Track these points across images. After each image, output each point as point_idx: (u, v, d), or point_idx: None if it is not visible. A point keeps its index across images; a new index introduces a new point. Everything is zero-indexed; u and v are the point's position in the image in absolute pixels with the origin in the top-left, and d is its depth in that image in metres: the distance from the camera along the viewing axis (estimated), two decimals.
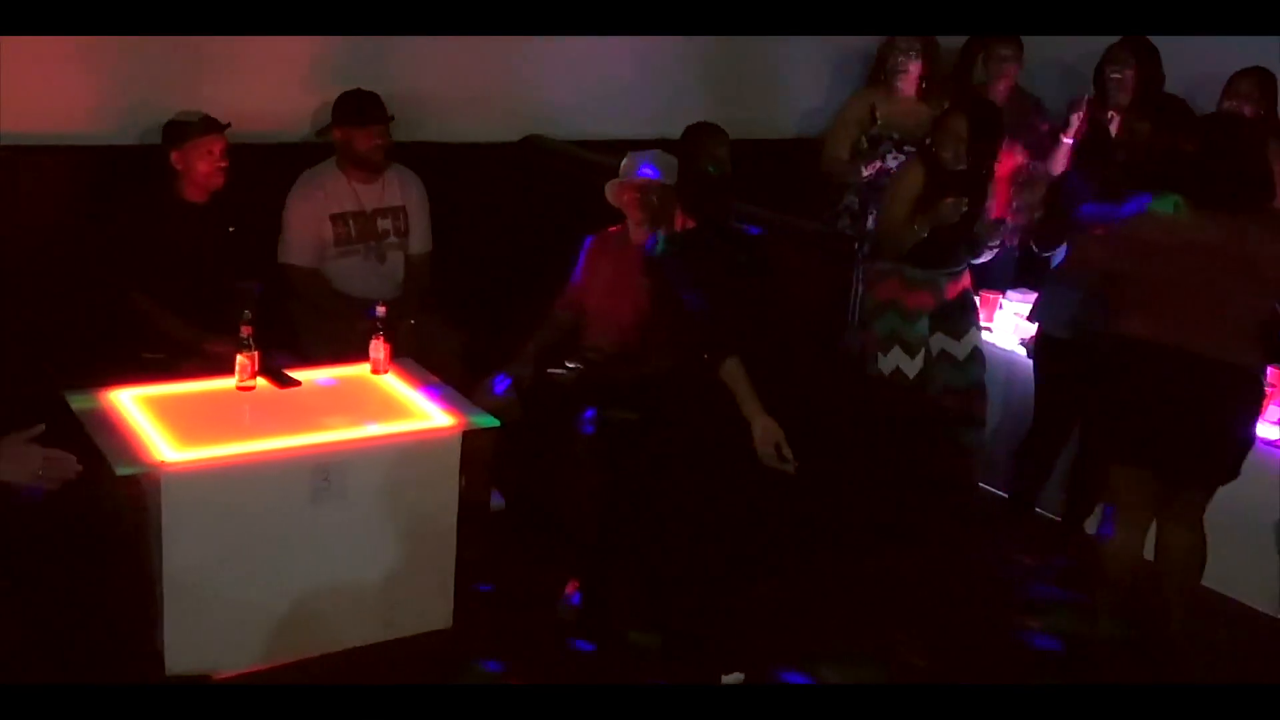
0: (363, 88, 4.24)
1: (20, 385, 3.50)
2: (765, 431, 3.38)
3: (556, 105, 4.88)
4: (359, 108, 4.21)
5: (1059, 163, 4.65)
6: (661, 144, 4.34)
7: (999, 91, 4.92)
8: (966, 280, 4.41)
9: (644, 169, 3.95)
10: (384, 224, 4.30)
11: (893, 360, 4.25)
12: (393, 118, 4.26)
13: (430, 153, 4.49)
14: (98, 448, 3.08)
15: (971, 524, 4.41)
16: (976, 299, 4.49)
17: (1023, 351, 4.54)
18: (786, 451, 3.38)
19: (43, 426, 2.82)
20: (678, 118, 4.71)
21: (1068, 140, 4.63)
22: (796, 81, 5.60)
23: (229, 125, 3.98)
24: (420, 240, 4.39)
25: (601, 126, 4.95)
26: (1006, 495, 4.60)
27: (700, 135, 4.47)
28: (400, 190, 4.35)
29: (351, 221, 4.26)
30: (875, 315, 4.26)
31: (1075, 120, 4.62)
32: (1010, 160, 4.59)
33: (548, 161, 4.74)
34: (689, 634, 3.45)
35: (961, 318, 4.35)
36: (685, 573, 3.52)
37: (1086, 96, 4.67)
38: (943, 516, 4.33)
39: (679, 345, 3.58)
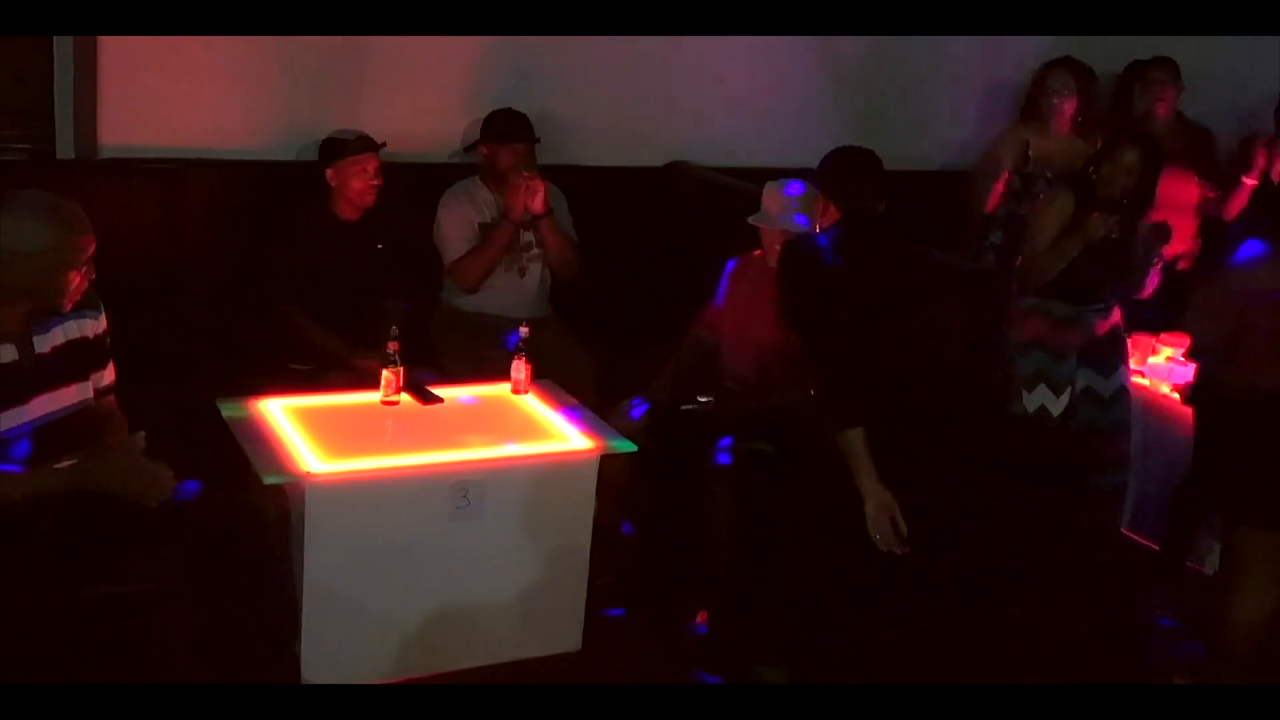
0: (527, 113, 4.29)
1: (173, 392, 3.60)
2: (879, 507, 3.30)
3: (701, 132, 4.88)
4: (505, 126, 4.28)
5: (1236, 204, 4.45)
6: (809, 174, 4.30)
7: (1158, 118, 4.75)
8: (1117, 317, 4.27)
9: (797, 219, 3.84)
10: (526, 236, 4.33)
11: (1038, 398, 4.14)
12: (538, 140, 4.30)
13: (574, 176, 4.53)
14: (246, 456, 3.18)
15: (1115, 575, 4.26)
16: (1127, 338, 4.35)
17: (1177, 397, 4.38)
18: (902, 528, 3.30)
19: (143, 434, 2.91)
20: (824, 147, 4.66)
21: (1250, 182, 4.41)
22: (940, 112, 5.51)
23: (384, 145, 4.07)
24: (559, 249, 4.37)
25: (745, 154, 4.93)
26: (1156, 547, 4.43)
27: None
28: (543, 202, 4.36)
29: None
30: (1020, 352, 4.15)
31: (1259, 161, 4.41)
32: (1190, 190, 4.42)
33: (691, 188, 4.74)
34: (813, 673, 3.39)
35: (1110, 355, 4.21)
36: (814, 610, 3.47)
37: (1269, 136, 4.47)
38: (1083, 566, 4.18)
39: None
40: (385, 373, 3.49)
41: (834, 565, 3.47)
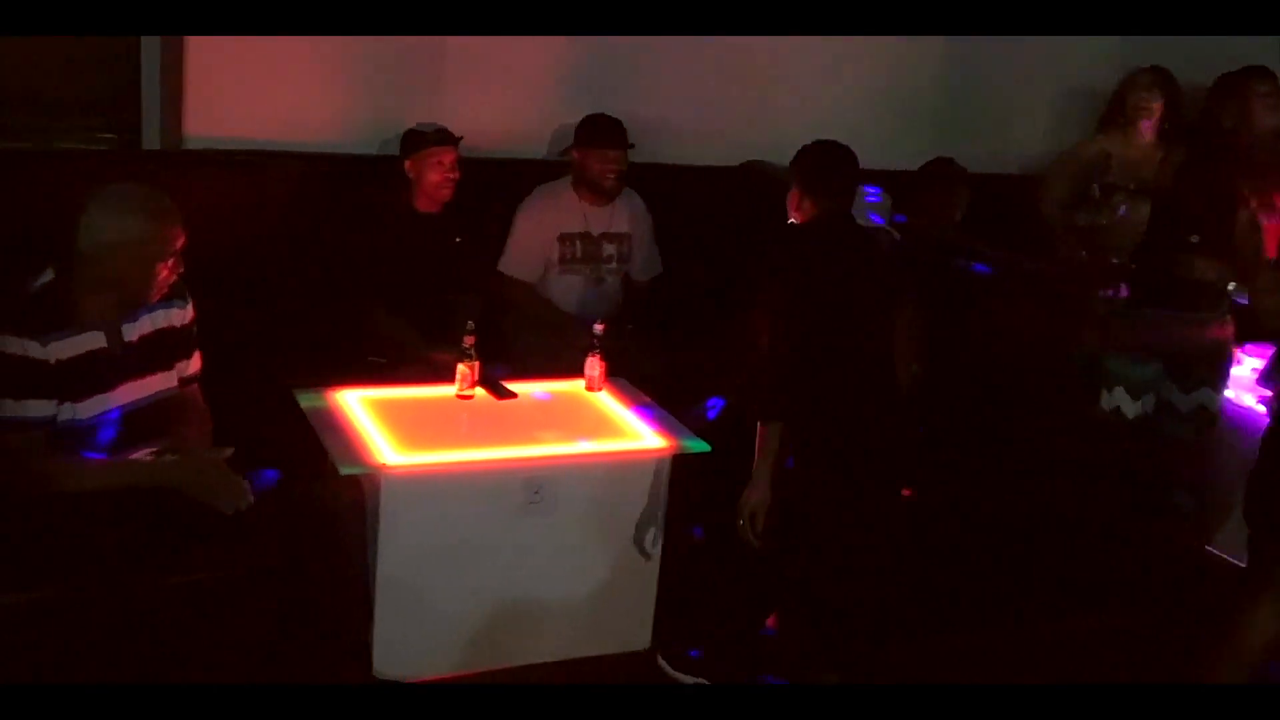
0: (606, 112, 4.28)
1: (253, 382, 3.63)
2: (759, 502, 3.27)
3: (780, 132, 4.83)
4: (596, 131, 4.25)
5: None
6: (885, 176, 4.27)
7: (1264, 132, 4.61)
8: (1220, 331, 4.12)
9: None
10: (609, 249, 4.34)
11: (1114, 399, 4.08)
12: (632, 145, 4.28)
13: (657, 174, 4.52)
14: (324, 446, 3.21)
15: (1194, 591, 4.17)
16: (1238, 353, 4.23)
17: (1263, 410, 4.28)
18: (758, 529, 3.27)
19: (231, 450, 2.95)
20: (901, 149, 4.63)
21: None
22: (1019, 116, 5.44)
23: (461, 138, 4.09)
24: (644, 267, 4.44)
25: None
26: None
27: (942, 174, 4.38)
28: (629, 217, 4.39)
29: (578, 242, 4.31)
30: (1107, 354, 4.08)
31: None
32: None
33: (766, 187, 4.70)
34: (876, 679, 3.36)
35: (1198, 370, 4.12)
36: (878, 616, 3.44)
37: None
38: (1157, 580, 4.11)
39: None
40: (461, 367, 3.51)
41: (899, 571, 3.45)
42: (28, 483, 2.82)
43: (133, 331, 2.99)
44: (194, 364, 3.18)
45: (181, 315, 3.11)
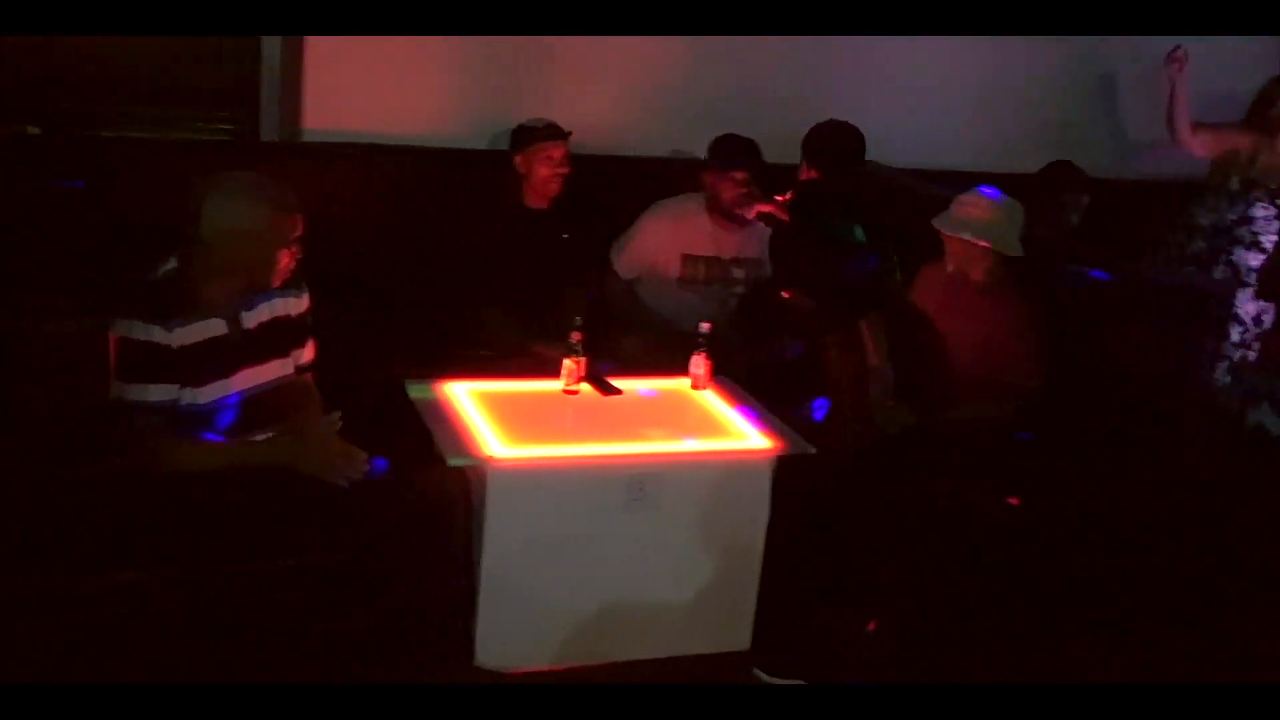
0: (711, 112, 4.27)
1: (363, 372, 3.69)
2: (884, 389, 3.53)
3: (891, 131, 4.79)
4: (727, 152, 4.18)
5: None
6: (998, 179, 4.19)
7: None
8: None
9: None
10: (738, 272, 4.29)
11: (1258, 416, 3.96)
12: (763, 163, 4.21)
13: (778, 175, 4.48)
14: (432, 437, 3.24)
15: None
16: None
17: None
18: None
19: (339, 414, 2.99)
20: (1017, 152, 4.55)
21: None
22: (1146, 119, 5.31)
23: (570, 133, 4.10)
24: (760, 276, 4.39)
25: (937, 156, 4.83)
26: None
27: (1060, 176, 4.29)
28: (758, 240, 4.31)
29: (704, 265, 4.28)
30: (1255, 369, 3.97)
31: None
32: None
33: (876, 189, 4.65)
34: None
35: None
36: (987, 627, 3.37)
37: None
38: None
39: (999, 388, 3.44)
40: (567, 362, 3.52)
41: (1010, 582, 3.39)
42: (148, 464, 2.89)
43: (251, 319, 3.05)
44: (309, 352, 3.23)
45: (298, 304, 3.17)
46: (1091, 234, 4.34)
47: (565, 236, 4.17)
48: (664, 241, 4.24)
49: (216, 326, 2.97)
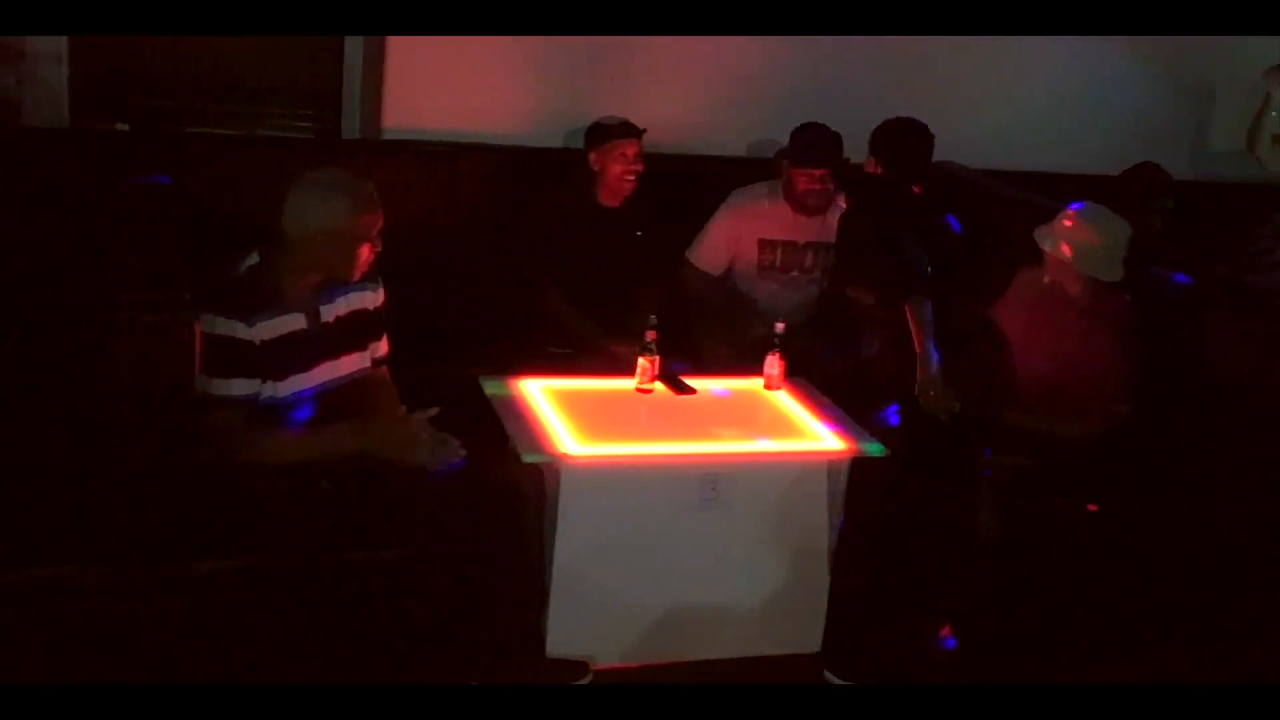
0: (788, 107, 4.25)
1: (438, 366, 3.72)
2: (928, 378, 3.56)
3: (967, 132, 4.73)
4: (805, 147, 4.17)
5: None
6: (1081, 180, 4.14)
7: None
8: None
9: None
10: (812, 258, 4.29)
11: None
12: (845, 160, 4.20)
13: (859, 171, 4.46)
14: (506, 433, 3.26)
15: None
16: None
17: None
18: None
19: (437, 409, 3.02)
20: (1100, 153, 4.48)
21: None
22: (1230, 121, 5.20)
23: (645, 130, 4.11)
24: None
25: (1017, 157, 4.77)
26: None
27: (1145, 180, 4.22)
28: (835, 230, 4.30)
29: (780, 250, 4.27)
30: None
31: None
32: None
33: (955, 189, 4.59)
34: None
35: None
36: (1065, 634, 3.33)
37: None
38: None
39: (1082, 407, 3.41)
40: (641, 360, 3.53)
41: (1088, 589, 3.33)
42: (231, 455, 2.94)
43: (330, 313, 3.09)
44: (384, 346, 3.27)
45: (374, 298, 3.21)
46: (1173, 238, 4.25)
47: (639, 234, 4.17)
48: (740, 227, 4.24)
49: (296, 321, 3.01)
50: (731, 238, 4.25)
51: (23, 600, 2.80)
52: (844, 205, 4.20)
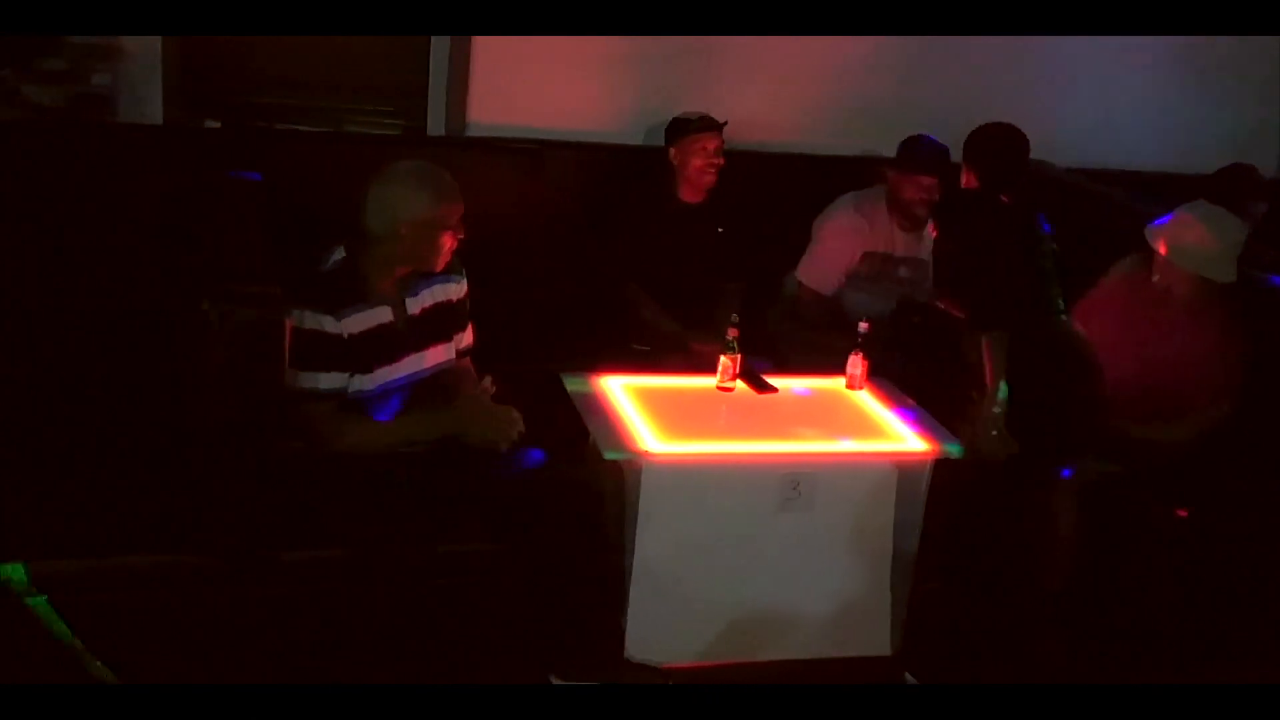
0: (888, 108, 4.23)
1: (521, 362, 3.74)
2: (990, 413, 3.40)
3: (1058, 129, 4.63)
4: (915, 155, 4.13)
5: None
6: (1171, 180, 4.06)
7: None
8: None
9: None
10: (904, 272, 4.24)
11: None
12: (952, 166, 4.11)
13: None
14: (588, 430, 3.27)
15: None
16: None
17: None
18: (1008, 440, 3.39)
19: (489, 377, 3.03)
20: (1197, 153, 4.39)
21: None
22: None
23: (725, 123, 4.09)
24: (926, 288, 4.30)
25: (1105, 155, 4.68)
26: None
27: (1239, 182, 4.12)
28: (932, 246, 4.17)
29: (880, 261, 4.22)
30: None
31: None
32: None
33: (1046, 188, 4.51)
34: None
35: None
36: (1152, 639, 3.28)
37: None
38: None
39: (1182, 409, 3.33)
40: (723, 359, 3.51)
41: (1178, 599, 3.27)
42: (321, 446, 2.98)
43: (415, 305, 3.12)
44: (468, 337, 3.30)
45: (458, 289, 3.23)
46: (1268, 239, 4.14)
47: (720, 231, 4.16)
48: (850, 241, 4.19)
49: (383, 314, 3.05)
50: (841, 252, 4.19)
51: (121, 588, 2.87)
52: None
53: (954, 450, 3.37)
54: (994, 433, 3.49)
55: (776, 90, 4.48)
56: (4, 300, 3.56)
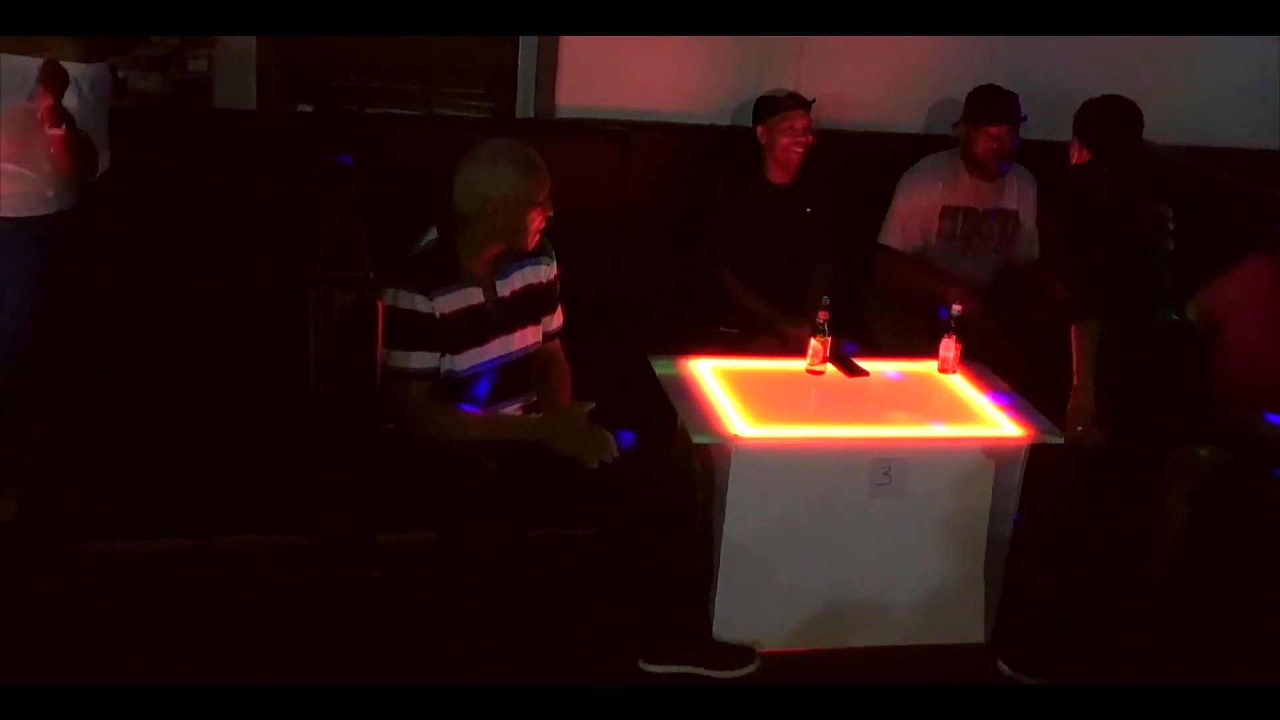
0: (998, 84, 4.14)
1: (610, 345, 3.73)
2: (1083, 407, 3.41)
3: (1163, 107, 4.48)
4: (983, 106, 4.10)
5: None
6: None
7: None
8: None
9: None
10: (991, 226, 4.20)
11: None
12: (1024, 118, 4.10)
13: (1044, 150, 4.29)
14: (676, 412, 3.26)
15: None
16: None
17: None
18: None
19: (593, 405, 3.03)
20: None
21: None
22: None
23: (813, 101, 4.04)
24: (1027, 248, 4.25)
25: (1210, 133, 4.54)
26: None
27: None
28: (1018, 194, 4.22)
29: (962, 217, 4.19)
30: None
31: None
32: None
33: (1152, 169, 4.37)
34: None
35: None
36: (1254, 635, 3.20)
37: None
38: None
39: None
40: (813, 341, 3.47)
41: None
42: (411, 430, 3.01)
43: (505, 288, 3.13)
44: (557, 319, 3.30)
45: (548, 271, 3.23)
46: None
47: (808, 210, 4.11)
48: (924, 197, 4.16)
49: (474, 295, 3.06)
50: (918, 208, 4.17)
51: (217, 566, 2.92)
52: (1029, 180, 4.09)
53: (1052, 437, 3.30)
54: (1079, 428, 3.42)
55: (865, 68, 4.42)
56: (107, 287, 3.65)
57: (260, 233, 3.82)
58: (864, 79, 4.42)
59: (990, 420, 3.36)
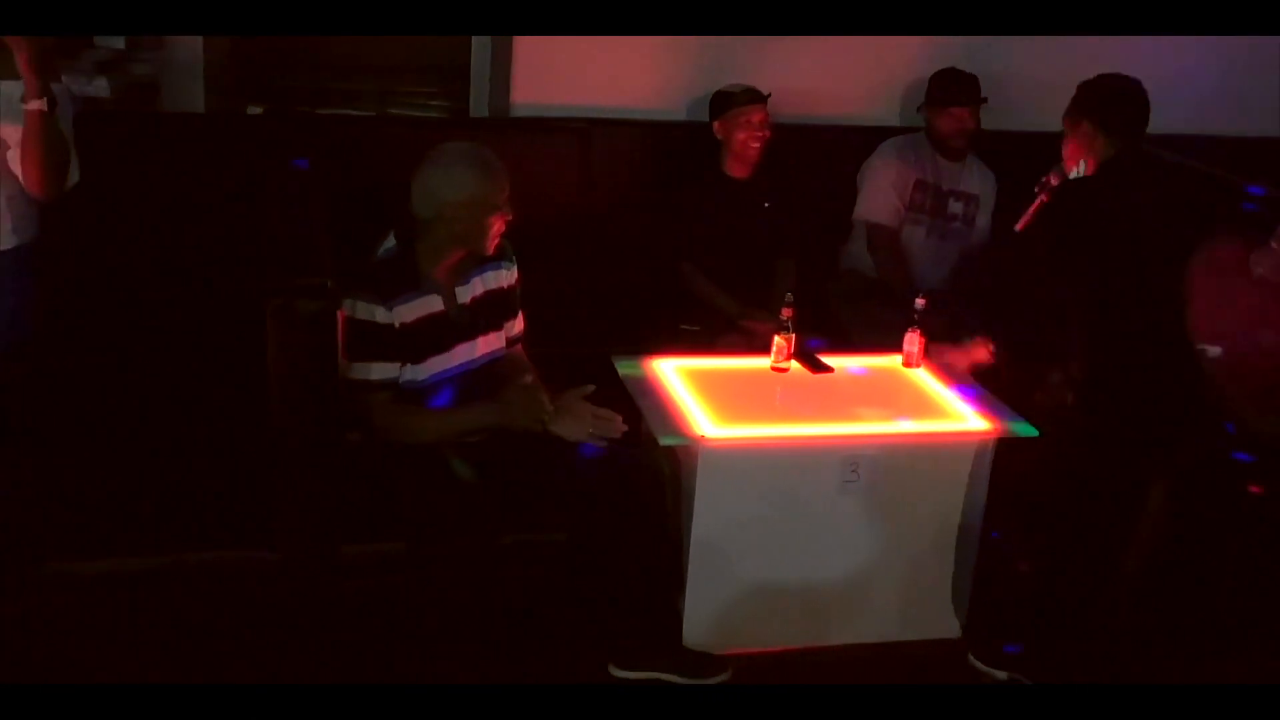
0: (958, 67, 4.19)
1: (571, 346, 3.69)
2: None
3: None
4: (945, 88, 4.18)
5: None
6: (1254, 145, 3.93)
7: None
8: None
9: None
10: (955, 207, 4.25)
11: None
12: (985, 100, 4.16)
13: (1013, 142, 4.32)
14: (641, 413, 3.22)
15: None
16: None
17: None
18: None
19: (593, 387, 3.00)
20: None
21: None
22: None
23: (769, 95, 4.02)
24: (982, 234, 4.30)
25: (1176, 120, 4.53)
26: None
27: None
28: (979, 178, 4.30)
29: (931, 193, 4.23)
30: None
31: None
32: None
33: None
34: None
35: None
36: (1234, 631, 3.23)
37: None
38: None
39: None
40: (777, 339, 3.45)
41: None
42: (378, 440, 2.96)
43: (466, 294, 3.09)
44: (518, 324, 3.26)
45: (508, 276, 3.20)
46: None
47: (766, 205, 4.09)
48: (898, 170, 4.20)
49: (434, 303, 3.02)
50: (893, 180, 4.19)
51: (181, 582, 2.86)
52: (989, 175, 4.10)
53: (1021, 430, 3.29)
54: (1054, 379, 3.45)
55: (825, 61, 4.40)
56: (57, 302, 3.56)
57: (215, 242, 3.74)
58: (826, 72, 4.40)
59: (956, 414, 3.35)
